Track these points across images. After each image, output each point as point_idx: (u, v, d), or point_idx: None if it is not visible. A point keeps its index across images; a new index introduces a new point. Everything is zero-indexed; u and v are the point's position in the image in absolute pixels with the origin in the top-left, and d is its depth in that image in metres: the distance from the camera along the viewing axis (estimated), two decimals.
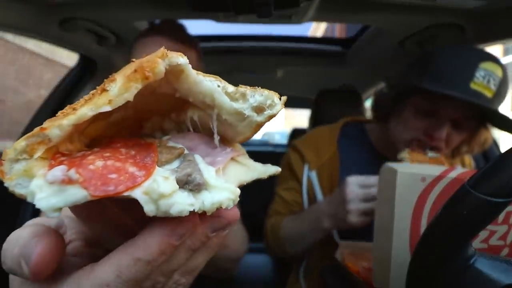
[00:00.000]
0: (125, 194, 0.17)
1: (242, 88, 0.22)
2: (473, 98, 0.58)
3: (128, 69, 0.19)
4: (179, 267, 0.22)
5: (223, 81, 0.22)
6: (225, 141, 0.24)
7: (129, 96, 0.18)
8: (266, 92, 0.22)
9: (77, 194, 0.16)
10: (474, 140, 0.70)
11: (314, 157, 0.84)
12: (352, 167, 0.83)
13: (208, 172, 0.20)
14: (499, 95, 0.61)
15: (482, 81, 0.59)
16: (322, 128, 0.92)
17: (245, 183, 0.22)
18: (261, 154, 2.36)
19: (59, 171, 0.17)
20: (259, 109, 0.22)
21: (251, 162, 0.24)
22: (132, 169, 0.18)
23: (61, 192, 0.16)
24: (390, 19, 0.89)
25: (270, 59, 1.35)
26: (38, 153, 0.17)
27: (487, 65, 0.60)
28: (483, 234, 0.42)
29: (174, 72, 0.20)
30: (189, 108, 0.23)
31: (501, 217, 0.41)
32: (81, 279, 0.19)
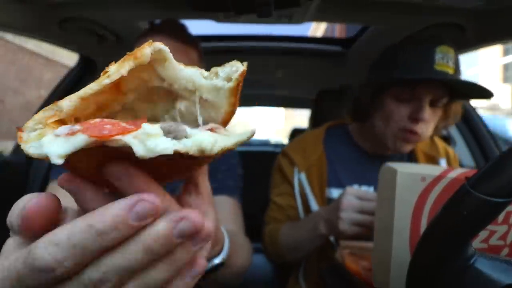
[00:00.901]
0: (117, 137, 0.19)
1: (214, 68, 0.26)
2: (442, 77, 0.67)
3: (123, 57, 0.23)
4: (133, 272, 0.20)
5: (200, 68, 0.26)
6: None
7: (124, 71, 0.22)
8: (231, 62, 0.26)
9: (78, 139, 0.19)
10: (448, 114, 0.78)
11: (302, 160, 0.87)
12: (339, 165, 0.86)
13: (190, 130, 0.22)
14: (458, 69, 0.71)
15: (442, 61, 0.68)
16: (308, 133, 0.96)
17: (226, 149, 0.22)
18: (261, 154, 2.36)
19: (65, 128, 0.20)
20: (228, 79, 0.25)
21: (230, 132, 0.25)
22: (124, 124, 0.20)
23: (66, 142, 0.19)
24: (390, 19, 0.89)
25: (270, 59, 1.35)
26: (51, 120, 0.21)
27: (441, 48, 0.69)
28: (483, 234, 0.42)
29: (159, 60, 0.24)
30: (177, 101, 0.26)
31: (501, 217, 0.41)
32: (41, 238, 0.19)
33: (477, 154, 1.17)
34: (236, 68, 0.25)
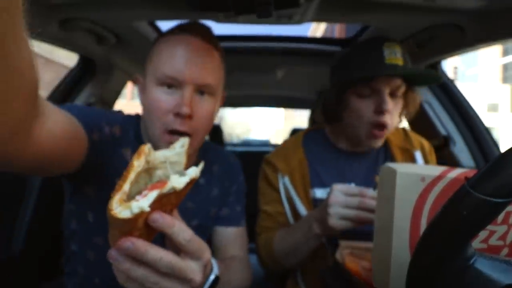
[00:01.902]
0: (168, 185, 0.37)
1: (172, 145, 0.44)
2: (393, 70, 0.75)
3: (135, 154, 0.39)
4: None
5: (164, 149, 0.42)
6: None
7: (143, 161, 0.38)
8: (180, 138, 0.45)
9: (153, 193, 0.36)
10: (408, 102, 0.85)
11: (284, 165, 0.90)
12: (319, 166, 0.90)
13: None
14: (406, 60, 0.78)
15: (391, 56, 0.76)
16: (287, 139, 1.01)
17: (193, 179, 0.41)
18: (261, 154, 2.36)
19: (139, 196, 0.36)
20: (182, 146, 0.44)
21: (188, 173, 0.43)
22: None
23: (146, 198, 0.36)
24: (390, 19, 0.89)
25: (270, 59, 1.35)
26: (123, 198, 0.36)
27: (387, 45, 0.77)
28: (482, 234, 0.42)
29: (148, 152, 0.40)
30: (155, 172, 0.42)
31: (500, 217, 0.41)
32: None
33: (476, 154, 1.17)
34: (184, 141, 0.44)
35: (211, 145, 0.87)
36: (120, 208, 0.34)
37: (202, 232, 0.75)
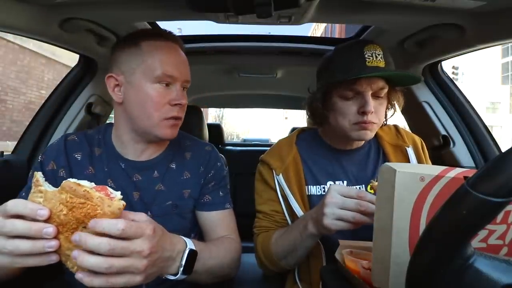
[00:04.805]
0: (116, 197, 0.47)
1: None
2: (375, 72, 0.77)
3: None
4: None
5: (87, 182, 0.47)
6: None
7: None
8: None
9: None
10: (391, 101, 0.88)
11: (278, 163, 0.91)
12: (313, 164, 0.91)
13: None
14: (389, 63, 0.80)
15: (372, 58, 0.78)
16: (282, 138, 1.03)
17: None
18: (260, 153, 2.36)
19: None
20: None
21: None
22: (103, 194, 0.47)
23: None
24: (390, 19, 0.89)
25: (270, 59, 1.35)
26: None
27: (368, 48, 0.78)
28: (482, 233, 0.42)
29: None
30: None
31: (499, 216, 0.41)
32: None
33: (476, 154, 1.17)
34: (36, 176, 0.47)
35: (188, 136, 0.93)
36: (114, 205, 0.44)
37: (179, 211, 0.81)
